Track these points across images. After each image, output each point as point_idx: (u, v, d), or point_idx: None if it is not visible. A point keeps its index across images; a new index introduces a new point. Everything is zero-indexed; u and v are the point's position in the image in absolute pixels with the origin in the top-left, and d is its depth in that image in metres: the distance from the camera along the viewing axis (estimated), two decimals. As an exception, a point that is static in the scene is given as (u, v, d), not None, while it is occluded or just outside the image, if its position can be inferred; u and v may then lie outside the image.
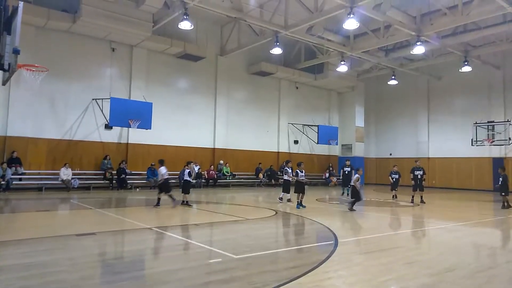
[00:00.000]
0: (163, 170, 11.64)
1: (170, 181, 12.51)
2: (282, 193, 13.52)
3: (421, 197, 14.84)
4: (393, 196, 16.24)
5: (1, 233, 7.47)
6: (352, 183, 11.95)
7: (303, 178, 12.58)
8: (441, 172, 25.76)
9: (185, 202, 11.96)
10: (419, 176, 14.91)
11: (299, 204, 12.06)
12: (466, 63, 20.94)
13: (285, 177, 13.46)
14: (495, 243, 7.90)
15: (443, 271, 5.12)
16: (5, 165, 15.20)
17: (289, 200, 13.34)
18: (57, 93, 17.33)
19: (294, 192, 13.13)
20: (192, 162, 13.02)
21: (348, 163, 17.98)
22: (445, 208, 13.74)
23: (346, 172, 17.58)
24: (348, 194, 17.49)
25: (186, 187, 12.20)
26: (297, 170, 12.67)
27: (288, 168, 13.36)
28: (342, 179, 18.09)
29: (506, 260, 6.19)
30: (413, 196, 15.03)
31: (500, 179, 13.66)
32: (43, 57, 16.13)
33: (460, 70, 21.67)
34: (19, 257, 5.45)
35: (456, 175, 25.00)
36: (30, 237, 6.83)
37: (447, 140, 25.66)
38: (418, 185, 14.88)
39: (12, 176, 15.37)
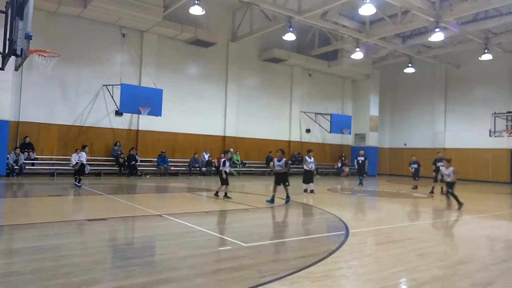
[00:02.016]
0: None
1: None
2: (303, 184, 13.23)
3: (442, 188, 14.70)
4: (414, 186, 16.26)
5: (15, 217, 7.59)
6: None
7: (312, 165, 12.42)
8: (457, 163, 24.78)
9: (219, 194, 11.22)
10: (441, 168, 14.70)
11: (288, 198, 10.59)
12: (486, 51, 20.27)
13: (304, 166, 13.26)
14: (509, 236, 7.70)
15: (456, 263, 5.01)
16: (18, 150, 15.47)
17: (311, 191, 12.98)
18: (68, 79, 17.44)
19: (303, 182, 13.02)
20: (230, 151, 12.51)
21: (362, 152, 17.98)
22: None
23: (360, 161, 17.57)
24: (360, 183, 17.46)
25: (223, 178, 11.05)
26: (306, 157, 12.54)
27: (309, 157, 13.13)
28: (357, 168, 18.04)
29: (523, 254, 6.03)
30: (433, 187, 14.97)
31: None
32: (55, 42, 16.21)
33: (479, 58, 20.99)
34: (32, 240, 5.52)
35: (472, 166, 24.48)
36: (43, 221, 6.91)
37: (464, 131, 25.09)
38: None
39: (25, 161, 15.65)
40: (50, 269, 4.21)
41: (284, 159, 10.67)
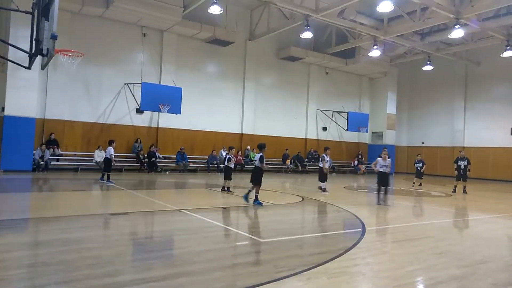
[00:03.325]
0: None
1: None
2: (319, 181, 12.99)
3: (464, 187, 14.73)
4: (419, 184, 16.34)
5: (41, 210, 7.91)
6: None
7: (329, 163, 12.29)
8: (476, 162, 24.61)
9: (225, 189, 11.60)
10: (462, 167, 14.65)
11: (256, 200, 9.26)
12: (508, 47, 19.73)
13: (320, 164, 12.97)
14: (532, 236, 7.56)
15: (475, 263, 4.97)
16: (43, 147, 15.99)
17: (324, 190, 12.76)
18: (91, 78, 17.88)
19: (319, 180, 12.97)
20: (233, 148, 12.58)
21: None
22: (480, 199, 13.24)
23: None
24: None
25: (227, 173, 11.62)
26: (324, 155, 12.54)
27: (326, 155, 12.80)
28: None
29: (544, 255, 5.93)
30: (455, 186, 14.91)
31: None
32: (78, 42, 16.67)
33: (501, 55, 20.45)
34: (58, 232, 5.76)
35: (492, 165, 23.91)
36: (67, 214, 7.18)
37: (484, 129, 24.52)
38: (462, 176, 14.64)
39: (50, 157, 16.19)
40: (75, 261, 4.39)
41: (259, 154, 9.36)
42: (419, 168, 16.27)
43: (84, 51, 14.08)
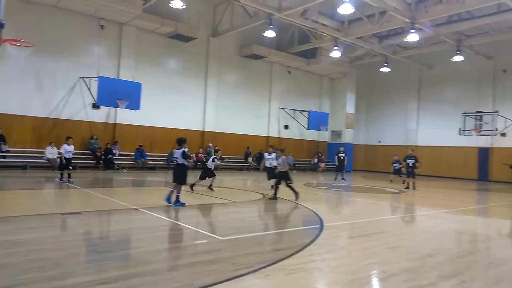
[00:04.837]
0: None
1: None
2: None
3: (413, 183, 15.47)
4: (403, 181, 16.73)
5: (-17, 211, 7.36)
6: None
7: (272, 162, 11.39)
8: (429, 160, 25.96)
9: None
10: (410, 164, 15.43)
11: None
12: (458, 52, 20.98)
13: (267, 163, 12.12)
14: (476, 230, 8.06)
15: (425, 256, 5.21)
16: (-11, 143, 14.93)
17: (272, 187, 12.66)
18: (43, 70, 16.92)
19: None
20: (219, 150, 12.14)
21: (342, 149, 18.64)
22: (430, 196, 13.96)
23: (342, 157, 18.16)
24: (343, 178, 17.95)
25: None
26: (265, 153, 12.26)
27: (268, 154, 11.97)
28: (338, 164, 18.53)
29: (486, 246, 6.34)
30: (407, 183, 15.82)
31: None
32: (29, 32, 15.66)
33: (451, 59, 21.72)
34: (3, 234, 5.38)
35: (443, 163, 25.35)
36: (14, 214, 6.73)
37: (435, 129, 25.93)
38: (410, 173, 15.46)
39: (-4, 154, 15.13)
40: (20, 264, 4.13)
41: (180, 150, 8.36)
42: (411, 164, 15.44)
43: (36, 41, 13.31)
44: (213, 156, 11.97)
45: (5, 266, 4.05)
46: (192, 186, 11.12)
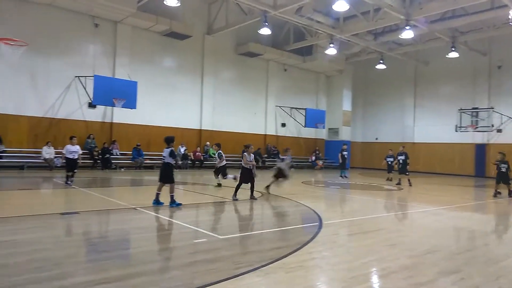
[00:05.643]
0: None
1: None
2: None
3: (409, 180, 15.55)
4: (387, 178, 16.84)
5: (-20, 212, 7.30)
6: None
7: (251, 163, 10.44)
8: (425, 157, 26.20)
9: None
10: (401, 161, 15.58)
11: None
12: (453, 49, 21.05)
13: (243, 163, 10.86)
14: (474, 226, 8.10)
15: (424, 252, 5.22)
16: (-16, 143, 14.80)
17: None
18: (38, 69, 16.79)
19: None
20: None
21: (345, 147, 18.67)
22: (428, 192, 14.02)
23: (345, 155, 18.27)
24: (345, 176, 18.02)
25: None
26: (245, 153, 10.63)
27: (247, 153, 10.70)
28: (341, 162, 18.57)
29: (484, 243, 6.37)
30: (399, 179, 15.92)
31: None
32: (23, 31, 15.53)
33: (447, 56, 21.80)
34: (2, 234, 5.35)
35: (440, 160, 25.48)
36: (13, 215, 6.69)
37: (432, 126, 26.04)
38: (401, 169, 15.63)
39: (-8, 154, 15.01)
40: (19, 264, 4.11)
41: (169, 149, 8.25)
42: (401, 161, 15.51)
43: (31, 41, 13.19)
44: (283, 157, 10.97)
45: (5, 266, 4.02)
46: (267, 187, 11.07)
